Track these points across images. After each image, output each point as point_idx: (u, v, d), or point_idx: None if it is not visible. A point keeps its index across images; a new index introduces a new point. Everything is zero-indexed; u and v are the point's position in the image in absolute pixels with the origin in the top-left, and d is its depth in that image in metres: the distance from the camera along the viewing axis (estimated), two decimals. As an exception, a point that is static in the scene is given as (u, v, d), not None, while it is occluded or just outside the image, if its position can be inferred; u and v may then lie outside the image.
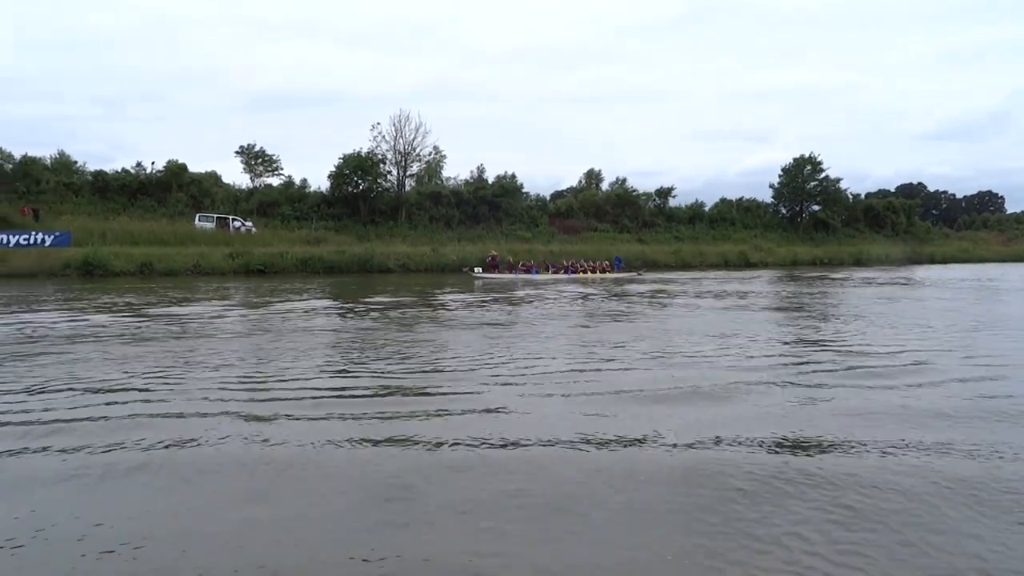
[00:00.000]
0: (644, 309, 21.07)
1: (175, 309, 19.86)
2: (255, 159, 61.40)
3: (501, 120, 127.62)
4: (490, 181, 64.32)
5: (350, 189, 55.72)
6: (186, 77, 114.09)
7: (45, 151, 57.39)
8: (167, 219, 48.22)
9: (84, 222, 43.32)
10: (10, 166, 50.95)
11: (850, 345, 13.11)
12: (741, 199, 73.33)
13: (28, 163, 51.01)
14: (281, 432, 6.99)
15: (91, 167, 54.56)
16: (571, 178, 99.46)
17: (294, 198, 56.81)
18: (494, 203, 59.77)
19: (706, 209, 70.72)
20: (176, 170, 53.94)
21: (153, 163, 54.99)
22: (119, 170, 54.25)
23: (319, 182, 59.61)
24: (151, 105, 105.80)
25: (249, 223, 49.39)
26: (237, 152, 61.34)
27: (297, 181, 60.29)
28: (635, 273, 39.44)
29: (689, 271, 46.66)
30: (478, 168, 68.29)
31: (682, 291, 28.28)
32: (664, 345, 12.96)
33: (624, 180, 71.38)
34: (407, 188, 58.92)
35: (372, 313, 19.23)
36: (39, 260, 34.59)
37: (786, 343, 13.76)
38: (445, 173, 66.41)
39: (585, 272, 37.71)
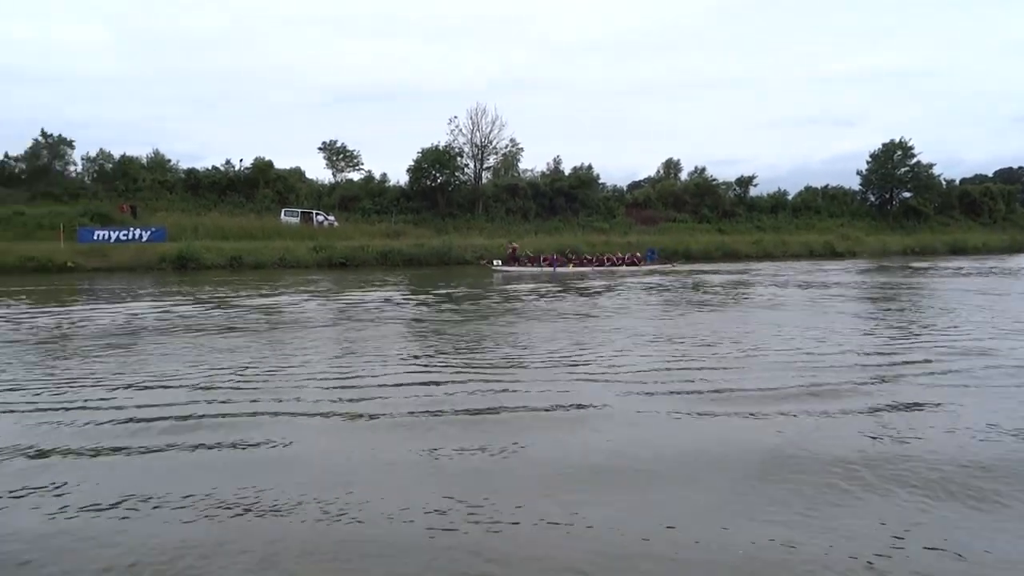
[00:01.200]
0: (725, 301, 20.72)
1: (262, 301, 20.64)
2: (337, 155, 62.97)
3: (577, 111, 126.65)
4: (566, 172, 64.12)
5: (428, 183, 56.49)
6: (270, 76, 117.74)
7: (141, 150, 60.41)
8: (255, 214, 50.04)
9: (178, 218, 45.43)
10: (110, 165, 54.03)
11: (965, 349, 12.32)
12: (827, 187, 70.94)
13: (126, 162, 54.01)
14: (352, 469, 6.02)
15: (183, 165, 57.47)
16: (649, 168, 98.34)
17: (374, 192, 58.17)
18: (570, 194, 59.54)
19: (789, 198, 68.70)
20: (263, 167, 56.07)
21: (241, 160, 57.36)
22: (209, 168, 56.86)
23: (398, 176, 60.77)
24: (238, 104, 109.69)
25: (332, 217, 50.73)
26: (320, 148, 63.11)
27: (377, 176, 61.77)
28: (670, 265, 37.91)
29: (772, 261, 45.29)
30: (554, 160, 68.25)
31: (760, 282, 27.60)
32: (753, 346, 12.52)
33: (703, 169, 70.02)
34: (484, 181, 59.42)
35: (450, 305, 19.54)
36: (137, 255, 36.39)
37: (885, 342, 13.26)
38: (522, 165, 66.62)
39: (614, 264, 36.31)
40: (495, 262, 35.97)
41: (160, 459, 6.25)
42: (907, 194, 68.79)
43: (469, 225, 53.32)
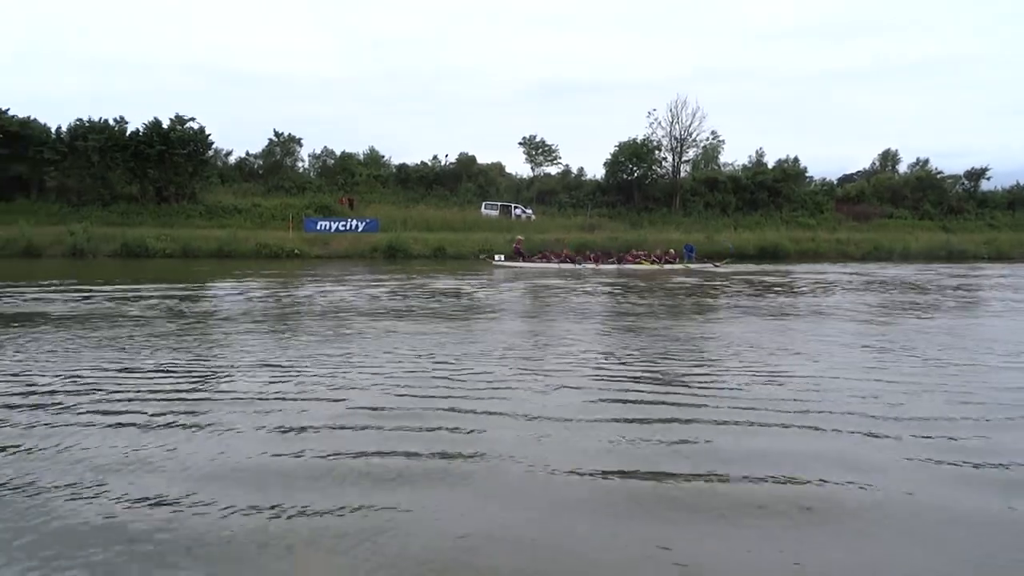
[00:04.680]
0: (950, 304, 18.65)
1: (460, 287, 21.57)
2: (536, 149, 64.42)
3: (783, 100, 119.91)
4: (770, 165, 61.29)
5: (624, 176, 56.41)
6: (474, 72, 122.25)
7: (358, 147, 65.37)
8: (458, 207, 52.71)
9: (389, 211, 48.85)
10: (331, 161, 59.36)
11: None
12: (1076, 180, 62.14)
13: (345, 159, 59.30)
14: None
15: (395, 160, 61.75)
16: (862, 160, 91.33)
17: (571, 186, 59.20)
18: (774, 188, 56.74)
19: (1030, 193, 61.04)
20: (466, 162, 59.13)
21: (447, 155, 60.56)
22: (418, 163, 60.52)
23: (595, 170, 61.23)
24: (444, 101, 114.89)
25: (529, 211, 52.15)
26: (520, 143, 64.90)
27: (574, 170, 62.84)
28: (712, 264, 34.24)
29: (1007, 263, 40.13)
30: (757, 152, 65.30)
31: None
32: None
33: (926, 161, 63.86)
34: (682, 174, 58.24)
35: (639, 299, 19.32)
36: (353, 243, 39.64)
37: None
38: (722, 158, 64.61)
39: (639, 262, 32.91)
40: (496, 257, 33.77)
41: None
42: None
43: (665, 219, 52.44)
